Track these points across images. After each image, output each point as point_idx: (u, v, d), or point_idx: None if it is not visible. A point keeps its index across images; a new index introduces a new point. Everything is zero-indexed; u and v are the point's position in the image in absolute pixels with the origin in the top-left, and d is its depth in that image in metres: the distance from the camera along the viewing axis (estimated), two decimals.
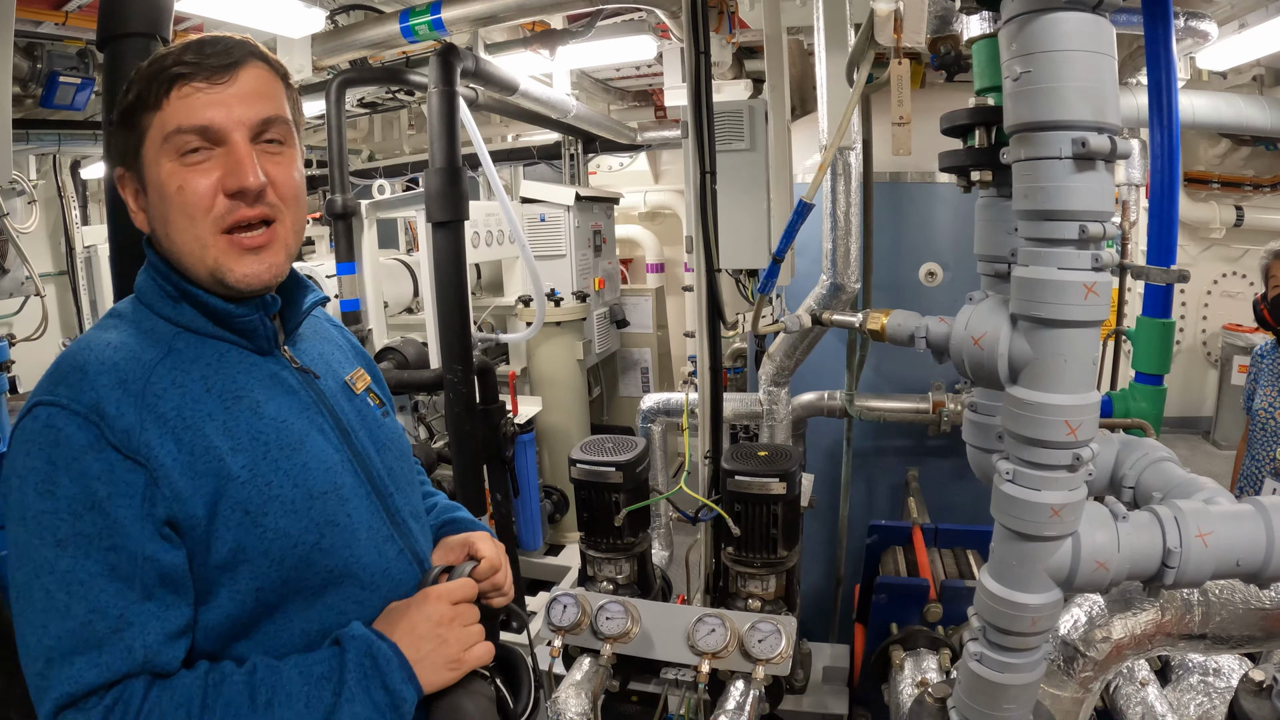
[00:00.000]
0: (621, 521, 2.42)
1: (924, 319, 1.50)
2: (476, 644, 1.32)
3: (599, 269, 6.16)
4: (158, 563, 1.11)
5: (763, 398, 2.77)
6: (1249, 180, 8.32)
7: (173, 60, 1.19)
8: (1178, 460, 1.65)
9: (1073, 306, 1.22)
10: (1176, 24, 4.03)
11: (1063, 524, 1.30)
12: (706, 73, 2.44)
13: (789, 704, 2.50)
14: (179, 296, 1.25)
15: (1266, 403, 3.81)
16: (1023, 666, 1.43)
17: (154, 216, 1.25)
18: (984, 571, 1.43)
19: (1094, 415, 1.28)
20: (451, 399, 3.81)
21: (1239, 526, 1.33)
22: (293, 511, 1.22)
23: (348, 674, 1.18)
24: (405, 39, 3.88)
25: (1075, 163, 1.19)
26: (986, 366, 1.33)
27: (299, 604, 1.25)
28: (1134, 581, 1.40)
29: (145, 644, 1.09)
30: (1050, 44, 1.18)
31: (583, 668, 2.32)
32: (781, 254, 1.88)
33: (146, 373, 1.17)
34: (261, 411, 1.25)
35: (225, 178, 1.19)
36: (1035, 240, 1.25)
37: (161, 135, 1.19)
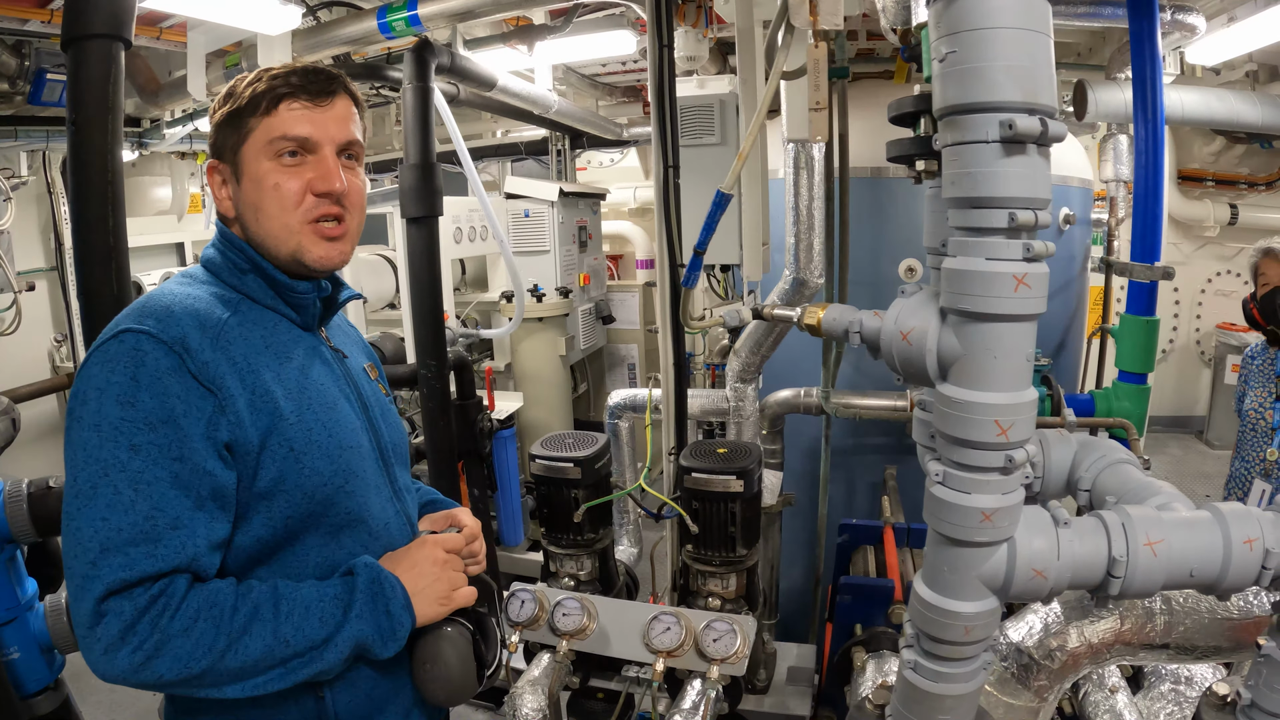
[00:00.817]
0: (581, 518, 2.41)
1: (859, 313, 1.44)
2: (462, 588, 1.51)
3: (584, 265, 6.13)
4: (214, 478, 1.28)
5: (729, 394, 2.75)
6: (1244, 178, 8.29)
7: (282, 80, 1.43)
8: (1137, 463, 1.58)
9: (1002, 299, 1.15)
10: (1163, 17, 3.99)
11: (995, 529, 1.24)
12: (670, 67, 2.42)
13: (750, 704, 2.49)
14: (248, 268, 1.46)
15: (1256, 403, 3.78)
16: (958, 676, 1.37)
17: (244, 203, 1.46)
18: (917, 577, 1.38)
19: (1028, 415, 1.22)
20: (426, 394, 3.79)
21: (1193, 535, 1.27)
22: (327, 455, 1.42)
23: (357, 595, 1.37)
24: (383, 35, 3.85)
25: (1004, 146, 1.12)
26: (916, 363, 1.27)
27: (317, 538, 1.43)
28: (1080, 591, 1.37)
29: (195, 545, 1.26)
30: (977, 21, 1.11)
31: (541, 664, 2.31)
32: (702, 247, 1.85)
33: (220, 323, 1.37)
34: (307, 373, 1.47)
35: (315, 180, 1.43)
36: (964, 229, 1.19)
37: (266, 139, 1.42)
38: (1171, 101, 4.91)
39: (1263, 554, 1.25)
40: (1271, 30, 4.17)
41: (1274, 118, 5.32)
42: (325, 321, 1.61)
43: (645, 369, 6.97)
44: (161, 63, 5.11)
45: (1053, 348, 4.33)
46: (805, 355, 3.59)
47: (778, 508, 3.58)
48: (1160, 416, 8.68)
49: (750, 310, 1.69)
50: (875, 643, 2.40)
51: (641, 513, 2.95)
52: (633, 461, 3.19)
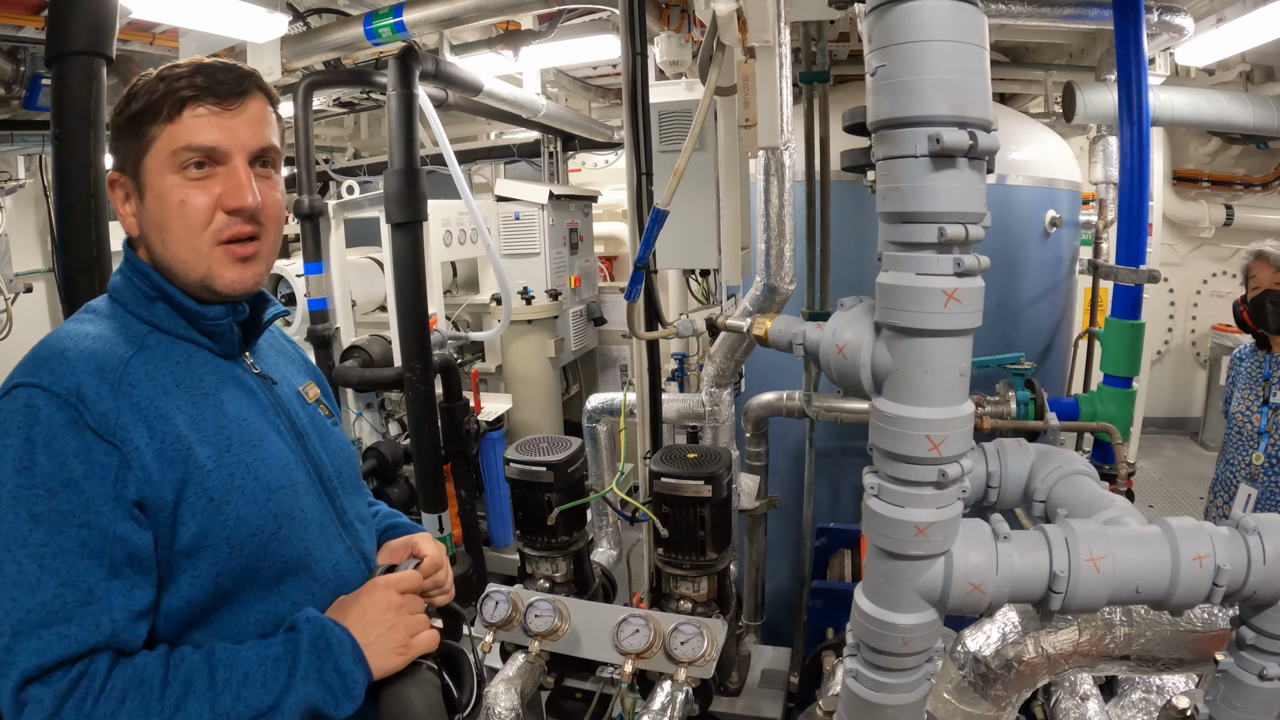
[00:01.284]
0: (554, 520, 2.43)
1: (803, 325, 1.44)
2: (422, 631, 1.38)
3: (575, 267, 6.14)
4: (126, 542, 1.16)
5: (705, 399, 2.77)
6: (1239, 179, 8.27)
7: (186, 81, 1.28)
8: (1095, 475, 1.59)
9: (932, 314, 1.14)
10: (1150, 18, 3.98)
11: (930, 543, 1.24)
12: (643, 74, 2.44)
13: (723, 705, 2.51)
14: (156, 296, 1.32)
15: (1244, 406, 3.77)
16: (899, 687, 1.37)
17: (149, 223, 1.32)
18: (858, 588, 1.37)
19: (962, 430, 1.21)
20: (411, 397, 3.83)
21: (1140, 551, 1.26)
22: (253, 502, 1.28)
23: (301, 655, 1.24)
24: (369, 41, 3.88)
25: (932, 160, 1.11)
26: (851, 376, 1.27)
27: (255, 592, 1.30)
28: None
29: (112, 620, 1.13)
30: (907, 35, 1.10)
31: (516, 663, 2.33)
32: (642, 261, 1.87)
33: (122, 364, 1.23)
34: (225, 409, 1.32)
35: (225, 196, 1.29)
36: (895, 244, 1.18)
37: (169, 149, 1.27)
38: (1161, 103, 4.92)
39: (1214, 571, 1.24)
40: (1260, 30, 4.17)
41: (1265, 118, 5.32)
42: (250, 345, 1.47)
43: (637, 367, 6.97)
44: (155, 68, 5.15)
45: (1039, 351, 4.34)
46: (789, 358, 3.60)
47: (762, 510, 3.61)
48: (1155, 418, 8.68)
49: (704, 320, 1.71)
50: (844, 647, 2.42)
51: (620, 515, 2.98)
52: (611, 464, 3.22)
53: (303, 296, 4.45)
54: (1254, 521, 1.29)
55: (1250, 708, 1.37)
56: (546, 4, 3.35)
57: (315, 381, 1.63)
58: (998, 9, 3.93)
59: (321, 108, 5.65)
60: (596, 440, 3.23)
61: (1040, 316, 4.39)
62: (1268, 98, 5.43)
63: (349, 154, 7.78)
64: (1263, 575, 1.26)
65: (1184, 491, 7.19)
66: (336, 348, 4.46)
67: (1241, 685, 1.36)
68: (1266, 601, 1.30)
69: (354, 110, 6.12)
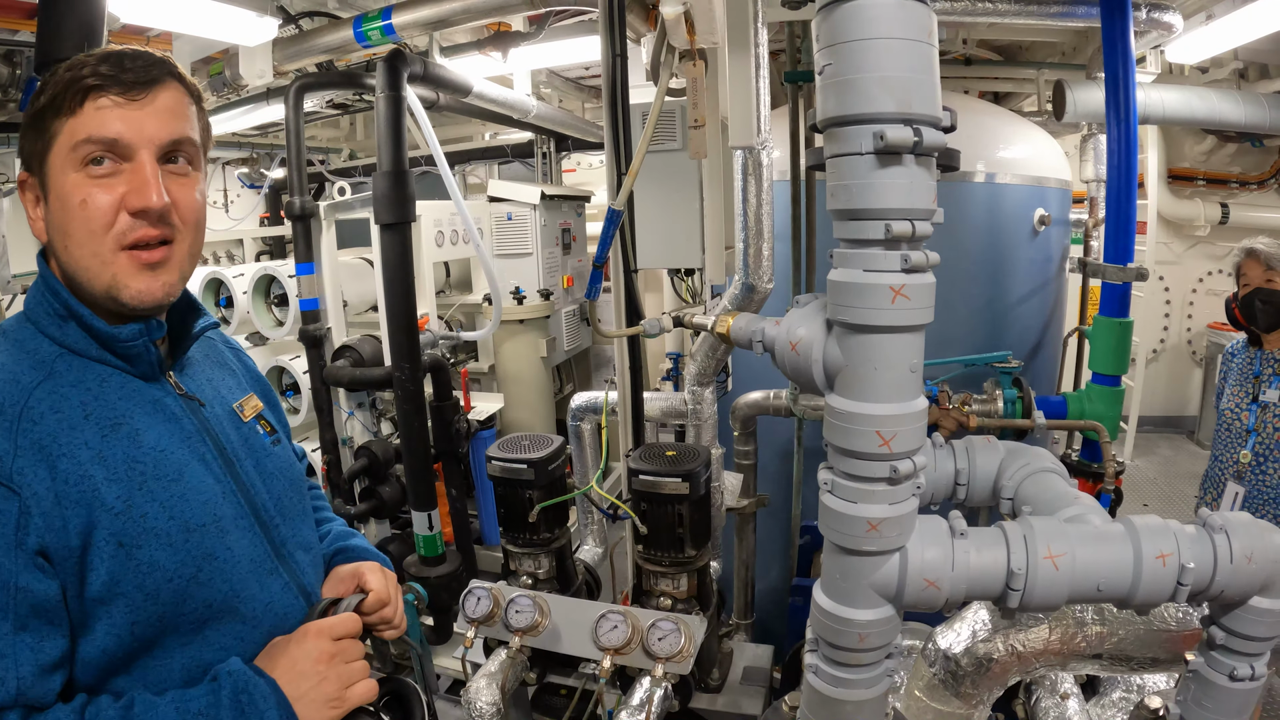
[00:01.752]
0: (536, 518, 2.45)
1: (762, 322, 1.46)
2: (359, 681, 1.30)
3: (568, 267, 6.16)
4: (30, 593, 1.09)
5: (687, 397, 2.79)
6: (1235, 177, 8.28)
7: (90, 70, 1.19)
8: (1064, 473, 1.60)
9: (879, 311, 1.15)
10: (1139, 16, 3.99)
11: (883, 539, 1.25)
12: (623, 75, 2.46)
13: (703, 702, 2.52)
14: (66, 315, 1.23)
15: (1233, 403, 3.77)
16: (858, 683, 1.37)
17: (53, 226, 1.23)
18: (817, 584, 1.38)
19: (913, 426, 1.22)
20: (400, 396, 3.86)
21: (1101, 549, 1.26)
22: (169, 545, 1.20)
23: (222, 711, 1.16)
24: (359, 44, 3.91)
25: (878, 158, 1.12)
26: (804, 373, 1.28)
27: (178, 639, 1.23)
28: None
29: (19, 676, 1.07)
30: (851, 33, 1.11)
31: (498, 659, 2.35)
32: (600, 261, 1.89)
33: (24, 396, 1.15)
34: (140, 440, 1.23)
35: (129, 195, 1.19)
36: (845, 241, 1.20)
37: (70, 143, 1.18)
38: (1151, 100, 4.93)
39: (1178, 570, 1.25)
40: (1249, 27, 4.20)
41: (1258, 116, 5.33)
42: (175, 362, 1.38)
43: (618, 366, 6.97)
44: None
45: (1029, 349, 4.36)
46: None
47: (751, 509, 3.63)
48: (1151, 416, 8.69)
49: (670, 319, 1.73)
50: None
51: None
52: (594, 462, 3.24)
53: (294, 297, 4.48)
54: (1221, 520, 1.30)
55: (1221, 708, 1.38)
56: (533, 6, 3.37)
57: (260, 394, 1.54)
58: (984, 7, 3.95)
59: (316, 109, 5.68)
60: (581, 438, 3.24)
61: (1030, 315, 4.41)
62: (1260, 95, 5.44)
63: (344, 155, 7.81)
64: (1229, 574, 1.26)
65: (1179, 490, 7.19)
66: (328, 347, 4.49)
67: (1212, 686, 1.37)
68: (1235, 601, 1.30)
69: (348, 112, 6.15)
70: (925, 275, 1.18)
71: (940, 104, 1.17)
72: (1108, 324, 3.71)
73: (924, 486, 1.33)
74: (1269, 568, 1.26)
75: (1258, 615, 1.29)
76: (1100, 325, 3.73)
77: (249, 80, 4.00)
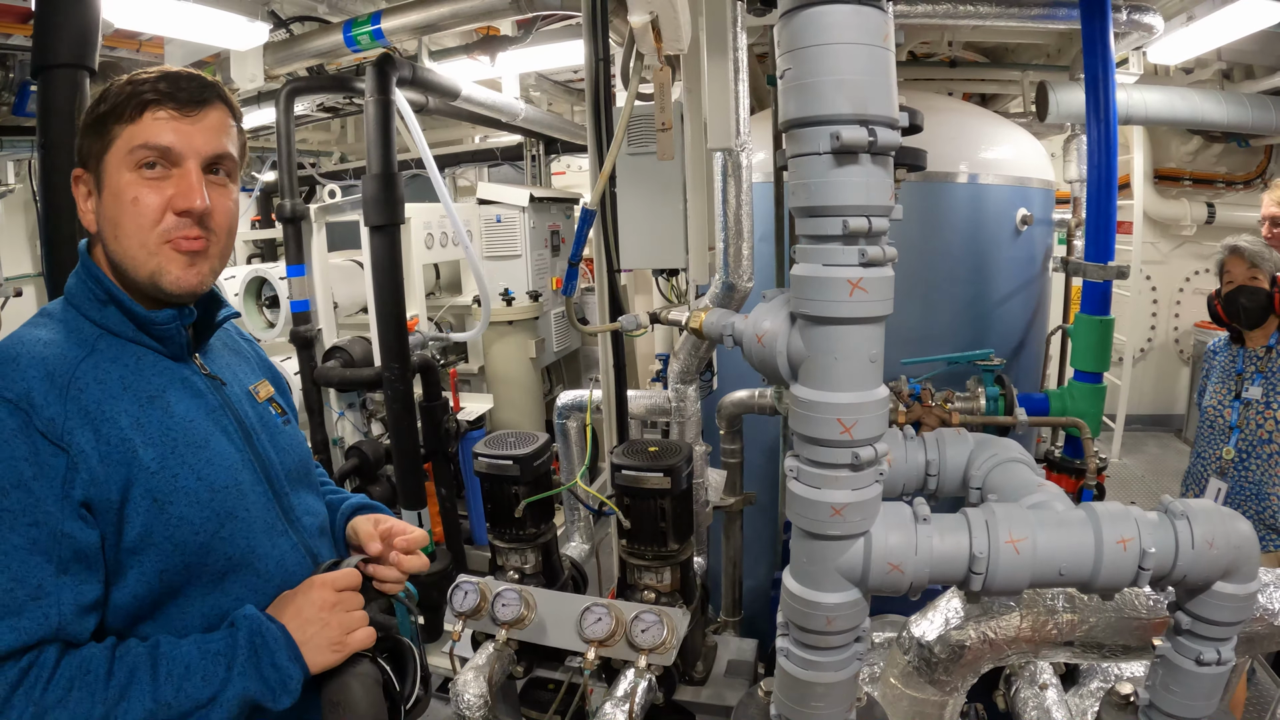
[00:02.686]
0: (521, 513, 2.49)
1: (732, 317, 1.50)
2: (359, 629, 1.43)
3: (557, 269, 6.18)
4: (74, 540, 1.22)
5: (671, 395, 2.83)
6: (1221, 177, 8.33)
7: (150, 86, 1.35)
8: (1032, 463, 1.64)
9: (838, 303, 1.20)
10: (1119, 18, 4.03)
11: (846, 523, 1.28)
12: (606, 81, 2.50)
13: (687, 695, 2.56)
14: (107, 300, 1.38)
15: (1215, 400, 3.79)
16: (828, 665, 1.41)
17: (104, 219, 1.38)
18: (787, 569, 1.42)
19: (873, 414, 1.26)
20: (390, 396, 3.89)
21: (1062, 534, 1.30)
22: (196, 502, 1.34)
23: (239, 650, 1.30)
24: (349, 48, 3.95)
25: (835, 157, 1.16)
26: (770, 364, 1.33)
27: (200, 589, 1.37)
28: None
29: (60, 613, 1.20)
30: (810, 38, 1.15)
31: (485, 652, 2.38)
32: (576, 259, 1.93)
33: (71, 368, 1.29)
34: (172, 411, 1.38)
35: (176, 198, 1.35)
36: (806, 237, 1.24)
37: (128, 147, 1.34)
38: (1134, 101, 4.98)
39: (1139, 554, 1.28)
40: (1230, 28, 4.24)
41: (1240, 116, 5.38)
42: (200, 346, 1.54)
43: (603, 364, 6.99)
44: None
45: (1012, 347, 4.40)
46: None
47: (738, 507, 3.67)
48: (1139, 415, 8.75)
49: (648, 315, 1.77)
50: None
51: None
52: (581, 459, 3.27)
53: (285, 299, 4.52)
54: (1182, 507, 1.33)
55: (1189, 694, 1.41)
56: (519, 10, 3.41)
57: (271, 380, 1.69)
58: (966, 10, 3.99)
59: (306, 113, 5.72)
60: (567, 436, 3.28)
61: (1013, 313, 4.45)
62: (1243, 95, 5.50)
63: (335, 158, 7.84)
64: (1191, 559, 1.30)
65: (1166, 488, 7.22)
66: (319, 349, 4.52)
67: (1180, 671, 1.40)
68: (1199, 586, 1.34)
69: (338, 115, 6.19)
70: (884, 269, 1.22)
71: (896, 106, 1.21)
72: (1089, 322, 3.75)
73: (887, 473, 1.36)
74: (1231, 553, 1.30)
75: (1222, 600, 1.33)
76: (1082, 323, 3.77)
77: (240, 84, 4.04)
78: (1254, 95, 5.51)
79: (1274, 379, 3.58)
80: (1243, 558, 1.31)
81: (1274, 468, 3.55)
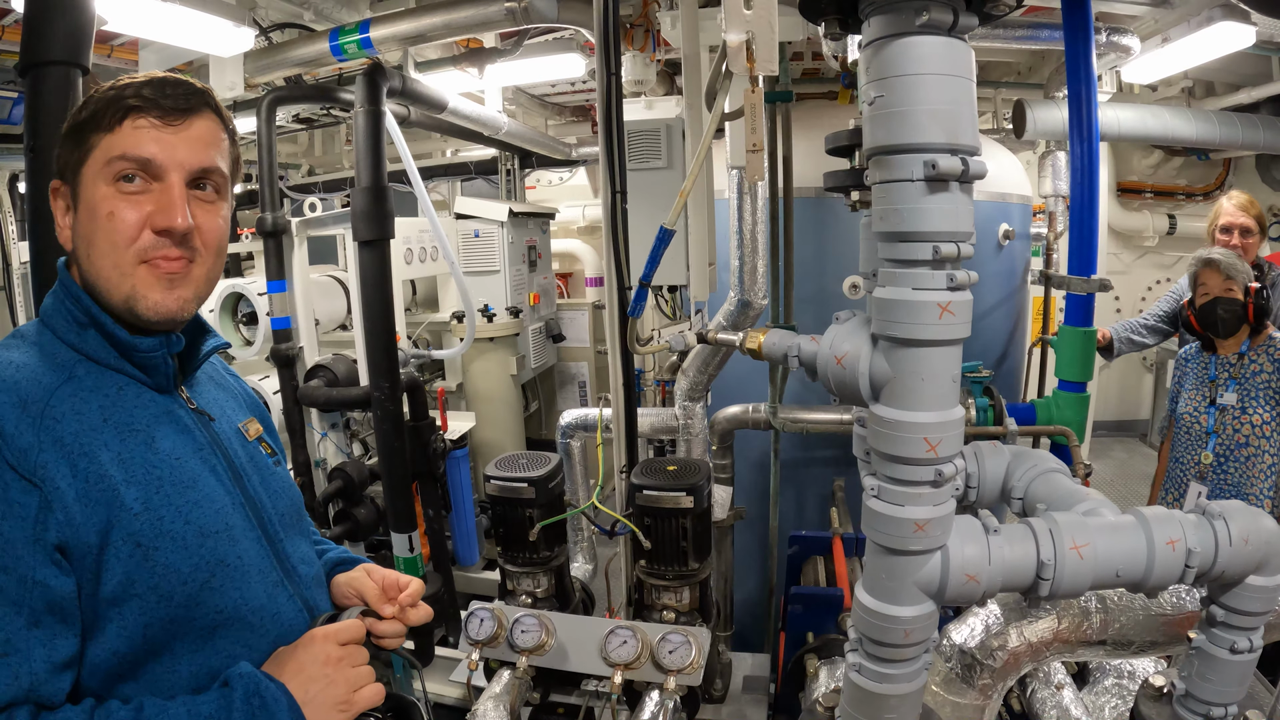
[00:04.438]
0: (536, 536, 2.45)
1: (797, 338, 1.52)
2: (365, 685, 1.30)
3: (534, 284, 6.16)
4: (47, 589, 1.09)
5: (678, 412, 2.81)
6: (1181, 189, 8.57)
7: (132, 91, 1.23)
8: (1067, 471, 1.68)
9: (928, 326, 1.23)
10: (1099, 39, 4.12)
11: (928, 538, 1.32)
12: (617, 93, 2.48)
13: (708, 713, 2.54)
14: (87, 323, 1.25)
15: (1191, 407, 3.87)
16: (900, 677, 1.44)
17: (79, 235, 1.26)
18: (859, 585, 1.44)
19: (955, 432, 1.29)
20: (379, 416, 3.81)
21: (1117, 538, 1.36)
22: (184, 548, 1.21)
23: (235, 713, 1.16)
24: (335, 57, 3.88)
25: (927, 185, 1.20)
26: (850, 385, 1.35)
27: (187, 645, 1.23)
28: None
29: (31, 671, 1.07)
30: (903, 68, 1.19)
31: (502, 680, 2.34)
32: (647, 279, 1.91)
33: (47, 395, 1.16)
34: (157, 447, 1.25)
35: (155, 215, 1.22)
36: (892, 261, 1.27)
37: (105, 158, 1.22)
38: (1108, 119, 5.08)
39: (1185, 554, 1.36)
40: (1203, 50, 4.33)
41: (1208, 132, 5.51)
42: (186, 378, 1.40)
43: (596, 387, 7.00)
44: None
45: (995, 359, 4.45)
46: (753, 371, 3.67)
47: (729, 521, 3.65)
48: (1105, 421, 8.92)
49: (695, 335, 1.75)
50: (827, 649, 2.47)
51: (595, 530, 3.00)
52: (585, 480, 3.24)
53: (265, 315, 4.40)
54: (1219, 508, 1.42)
55: (1223, 680, 1.49)
56: (515, 21, 3.37)
57: (258, 418, 1.56)
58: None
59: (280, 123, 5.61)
60: (571, 456, 3.25)
61: (996, 326, 4.51)
62: (1210, 113, 5.63)
63: (303, 170, 7.72)
64: (1229, 556, 1.37)
65: (1135, 490, 7.43)
66: (301, 367, 4.41)
67: (1215, 660, 1.48)
68: (1234, 580, 1.42)
69: (312, 126, 6.08)
70: (966, 293, 1.26)
71: (977, 135, 1.25)
72: (1073, 333, 3.81)
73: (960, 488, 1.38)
74: (1263, 549, 1.39)
75: (1254, 592, 1.42)
76: (1066, 334, 3.83)
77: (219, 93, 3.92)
78: (1220, 112, 5.65)
79: (1247, 384, 3.68)
80: (1272, 552, 1.39)
81: (1252, 470, 3.64)
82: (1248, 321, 3.67)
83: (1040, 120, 4.79)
